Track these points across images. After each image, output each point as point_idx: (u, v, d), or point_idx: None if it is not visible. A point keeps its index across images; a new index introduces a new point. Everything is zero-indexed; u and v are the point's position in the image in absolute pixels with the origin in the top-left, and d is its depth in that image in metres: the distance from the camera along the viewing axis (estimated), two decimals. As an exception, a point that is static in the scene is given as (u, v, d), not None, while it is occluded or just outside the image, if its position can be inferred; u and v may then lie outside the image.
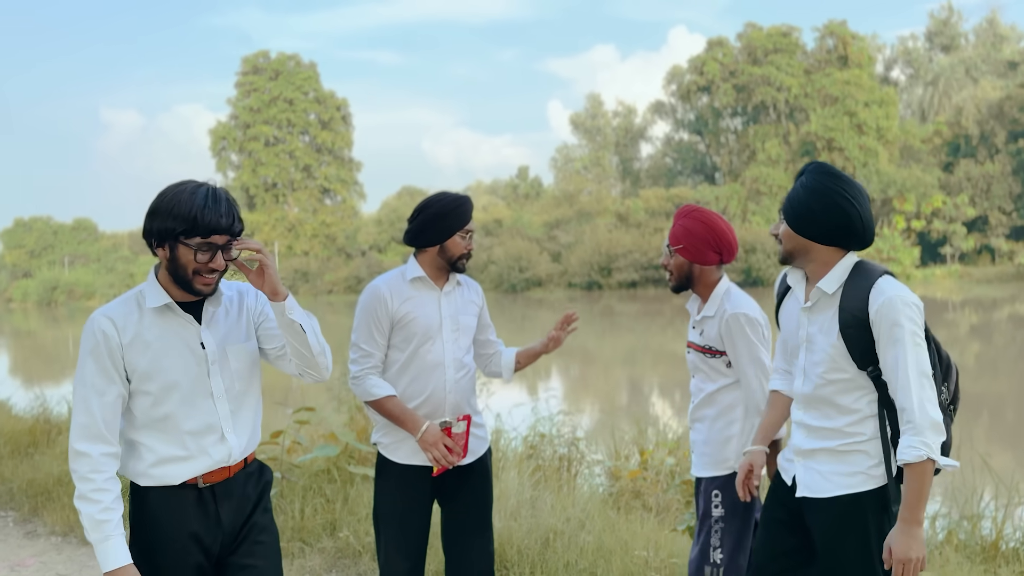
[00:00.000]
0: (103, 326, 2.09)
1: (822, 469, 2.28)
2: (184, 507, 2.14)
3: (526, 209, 64.04)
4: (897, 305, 2.15)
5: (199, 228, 2.04)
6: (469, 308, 2.94)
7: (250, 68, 66.46)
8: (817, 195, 2.23)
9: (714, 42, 60.21)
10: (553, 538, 3.88)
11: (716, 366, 2.80)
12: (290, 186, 66.09)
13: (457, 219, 2.81)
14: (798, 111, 57.07)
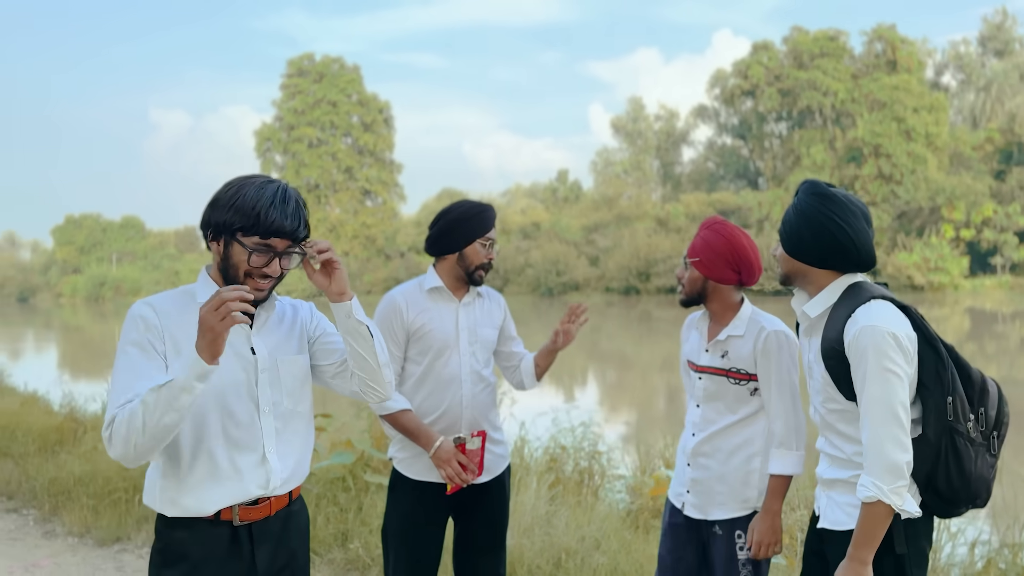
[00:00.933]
0: (144, 312, 1.89)
1: (840, 501, 2.17)
2: (216, 546, 1.89)
3: (565, 213, 63.86)
4: (866, 336, 2.00)
5: (260, 227, 1.85)
6: (489, 320, 2.83)
7: (295, 71, 67.38)
8: (806, 218, 2.15)
9: (759, 46, 59.42)
10: (566, 558, 3.74)
11: (741, 394, 2.53)
12: (332, 187, 66.81)
13: (478, 226, 2.71)
14: (844, 116, 56.03)
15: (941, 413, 2.03)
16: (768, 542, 2.47)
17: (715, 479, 2.54)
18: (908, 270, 44.76)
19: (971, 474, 2.04)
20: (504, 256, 53.84)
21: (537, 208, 66.43)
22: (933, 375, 2.04)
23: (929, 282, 44.12)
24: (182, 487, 1.88)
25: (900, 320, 2.05)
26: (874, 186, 50.61)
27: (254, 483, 1.91)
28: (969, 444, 2.05)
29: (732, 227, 2.56)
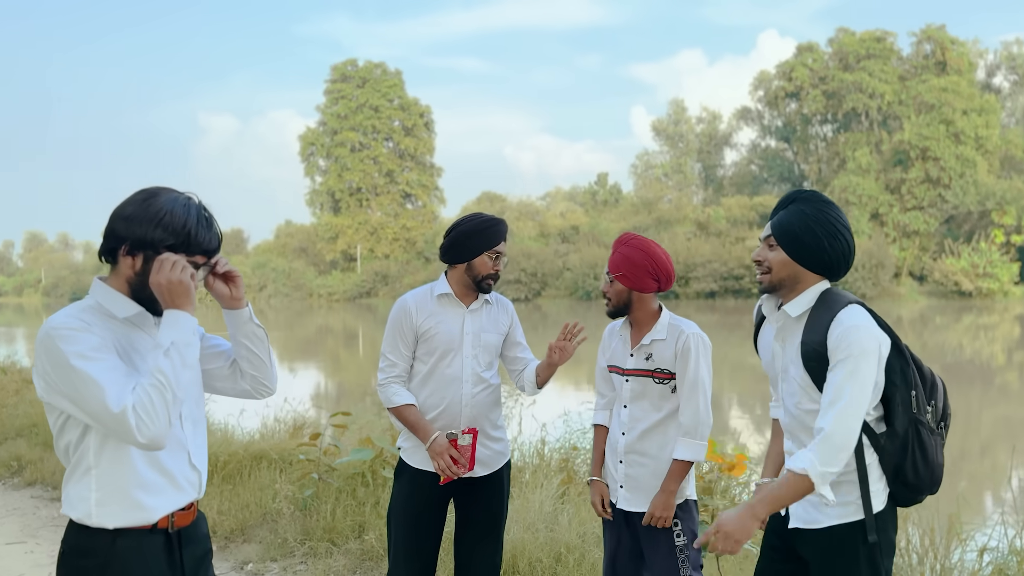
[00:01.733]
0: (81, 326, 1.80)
1: (814, 500, 2.25)
2: (156, 555, 1.89)
3: (604, 216, 63.78)
4: (854, 335, 2.10)
5: (190, 246, 1.88)
6: (494, 326, 3.01)
7: (339, 76, 68.43)
8: (821, 225, 2.21)
9: (804, 47, 58.70)
10: (566, 553, 3.90)
11: (664, 392, 2.78)
12: (373, 191, 67.65)
13: (486, 239, 2.89)
14: (891, 119, 55.06)
15: (907, 407, 2.17)
16: (661, 516, 2.72)
17: (649, 474, 2.77)
18: (956, 276, 43.82)
19: (934, 463, 2.19)
20: (542, 259, 53.91)
21: (576, 211, 66.43)
22: (899, 372, 2.17)
23: (977, 288, 43.13)
24: (124, 497, 1.85)
25: (874, 324, 2.16)
26: (921, 190, 49.62)
27: (189, 488, 1.96)
28: (931, 434, 2.19)
29: (646, 240, 2.83)
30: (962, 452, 10.90)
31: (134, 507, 1.86)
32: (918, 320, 33.87)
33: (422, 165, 69.09)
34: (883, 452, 2.18)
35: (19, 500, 6.24)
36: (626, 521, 2.84)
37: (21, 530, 5.49)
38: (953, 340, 26.50)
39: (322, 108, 68.77)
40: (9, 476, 6.89)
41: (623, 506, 2.82)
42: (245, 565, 4.60)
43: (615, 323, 2.96)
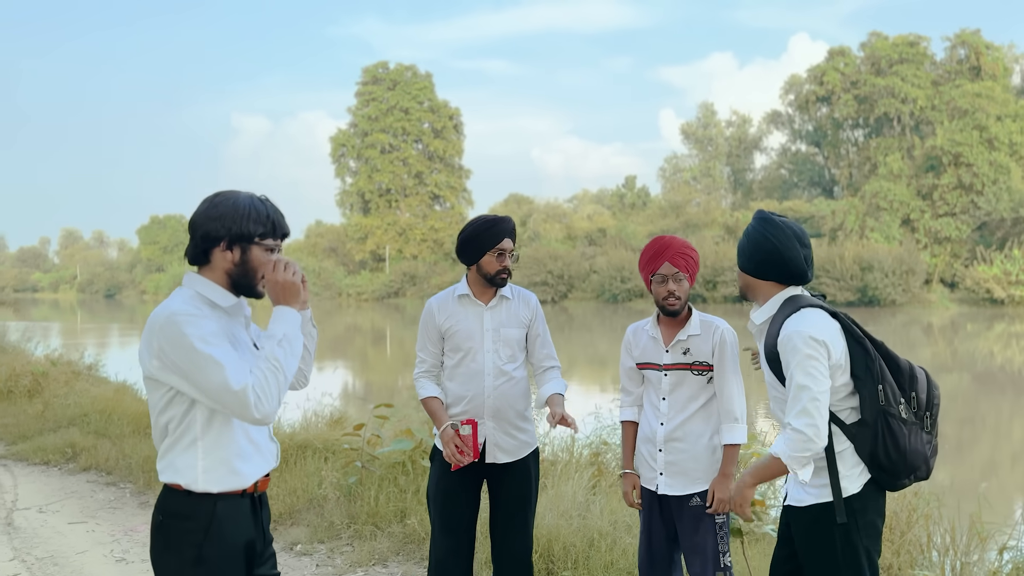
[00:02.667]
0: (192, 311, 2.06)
1: (800, 478, 2.49)
2: (245, 516, 2.16)
3: (631, 219, 63.75)
4: (790, 339, 2.39)
5: (276, 231, 2.19)
6: (514, 321, 3.21)
7: (369, 78, 69.14)
8: (748, 237, 2.60)
9: (835, 51, 58.30)
10: (599, 539, 4.12)
11: (701, 383, 3.01)
12: (402, 192, 68.24)
13: (487, 240, 3.12)
14: (924, 124, 54.50)
15: (874, 399, 2.40)
16: (725, 500, 2.91)
17: (689, 459, 2.99)
18: (987, 283, 43.26)
19: (906, 449, 2.39)
20: (569, 262, 54.01)
21: (604, 214, 66.47)
22: (863, 368, 2.42)
23: (1010, 296, 42.54)
24: (226, 465, 2.10)
25: (823, 324, 2.42)
26: (953, 196, 49.06)
27: (271, 457, 2.24)
28: (902, 424, 2.40)
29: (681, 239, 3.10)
30: (991, 460, 10.92)
31: (233, 474, 2.12)
32: (948, 327, 33.55)
33: (451, 167, 69.56)
34: (856, 440, 2.43)
35: (76, 484, 6.59)
36: (661, 506, 3.04)
37: (81, 511, 5.83)
38: (984, 348, 26.25)
39: (353, 110, 69.53)
40: (64, 462, 7.25)
41: (665, 491, 3.01)
42: (294, 546, 4.88)
43: (640, 324, 3.17)
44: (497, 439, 3.15)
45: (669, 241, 3.04)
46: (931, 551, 4.98)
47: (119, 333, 33.64)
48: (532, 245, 58.56)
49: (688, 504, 2.99)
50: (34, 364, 11.43)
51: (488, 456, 3.15)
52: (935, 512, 5.23)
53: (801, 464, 2.37)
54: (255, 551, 2.21)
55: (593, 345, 26.89)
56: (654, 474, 3.04)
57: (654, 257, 3.01)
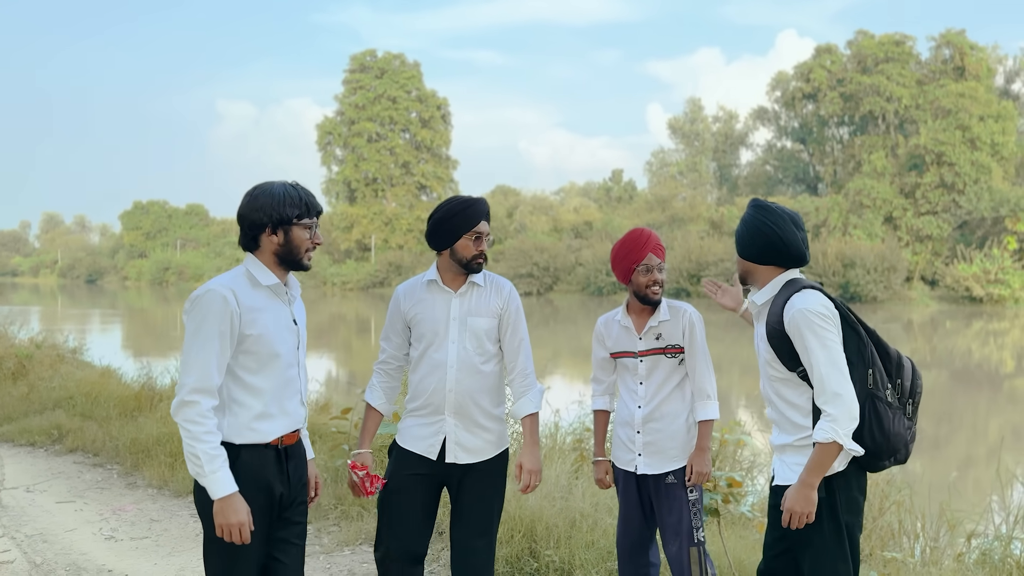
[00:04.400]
0: (225, 295, 2.40)
1: (789, 462, 2.64)
2: (269, 465, 2.47)
3: (618, 212, 63.97)
4: (801, 316, 2.49)
5: (312, 210, 2.53)
6: (483, 309, 2.95)
7: (357, 66, 68.80)
8: (746, 224, 2.69)
9: (822, 49, 58.61)
10: (580, 519, 4.24)
11: (673, 365, 3.15)
12: (389, 182, 68.06)
13: (463, 222, 2.89)
14: (908, 123, 54.94)
15: (863, 383, 2.51)
16: (703, 472, 3.08)
17: (666, 438, 3.11)
18: (967, 281, 43.76)
19: (890, 432, 2.52)
20: (554, 254, 54.12)
21: (590, 207, 66.66)
22: (856, 352, 2.54)
23: (988, 294, 43.05)
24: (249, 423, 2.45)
25: (825, 302, 2.54)
26: (935, 195, 49.56)
27: (295, 419, 2.57)
28: (888, 407, 2.53)
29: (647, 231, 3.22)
30: (967, 456, 11.14)
31: (252, 431, 2.47)
32: (928, 324, 33.98)
33: (438, 157, 69.43)
34: None
35: (62, 465, 6.64)
36: (639, 486, 3.17)
37: (68, 491, 5.88)
38: (963, 345, 26.63)
39: (340, 98, 69.18)
40: (50, 443, 7.28)
41: (644, 471, 3.13)
42: (282, 525, 4.96)
43: (610, 315, 3.28)
44: (459, 437, 2.89)
45: (650, 233, 3.19)
46: (902, 536, 5.14)
47: (101, 319, 33.45)
48: (518, 237, 58.66)
49: (664, 482, 3.11)
50: (18, 347, 11.40)
51: (448, 455, 2.89)
52: (907, 500, 5.40)
53: (850, 437, 2.45)
54: (280, 497, 2.52)
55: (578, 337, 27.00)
56: (632, 455, 3.16)
57: (638, 248, 3.13)
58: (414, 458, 2.93)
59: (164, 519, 5.24)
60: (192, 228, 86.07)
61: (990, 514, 5.58)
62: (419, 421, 2.95)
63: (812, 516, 2.49)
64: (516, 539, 4.15)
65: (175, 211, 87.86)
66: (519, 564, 4.07)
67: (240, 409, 2.45)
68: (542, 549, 4.07)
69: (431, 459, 2.90)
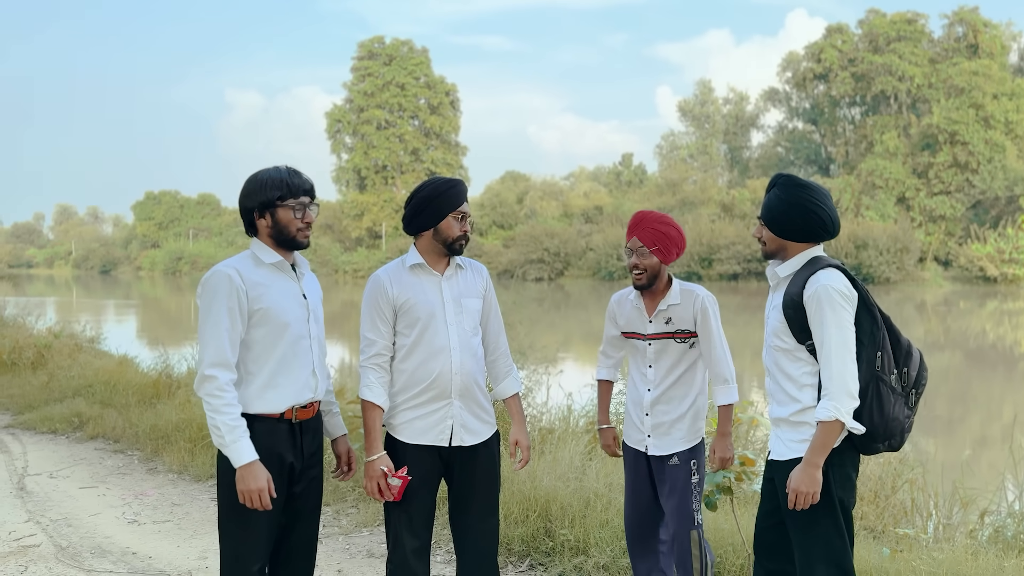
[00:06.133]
0: (230, 274, 2.55)
1: (784, 437, 2.68)
2: (282, 437, 2.59)
3: (628, 197, 63.74)
4: (824, 291, 2.52)
5: (293, 189, 2.63)
6: (472, 290, 2.94)
7: (365, 53, 68.65)
8: (786, 202, 2.66)
9: (833, 28, 58.05)
10: (594, 499, 4.29)
11: (683, 350, 3.13)
12: (399, 169, 68.04)
13: (448, 201, 2.83)
14: (920, 102, 54.44)
15: (871, 364, 2.54)
16: (727, 457, 3.13)
17: (673, 420, 3.13)
18: (981, 261, 43.46)
19: (889, 415, 2.55)
20: (565, 239, 54.04)
21: (600, 192, 66.45)
22: (868, 334, 2.56)
23: (1003, 274, 42.75)
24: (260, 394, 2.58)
25: (847, 283, 2.57)
26: (948, 174, 49.15)
27: (308, 392, 2.65)
28: (891, 392, 2.56)
29: (671, 218, 3.17)
30: (981, 436, 11.12)
31: (262, 400, 2.60)
32: (942, 305, 33.79)
33: (447, 144, 69.32)
34: None
35: (84, 452, 6.75)
36: (648, 466, 3.21)
37: (91, 476, 5.99)
38: (977, 325, 26.50)
39: (349, 85, 69.09)
40: (71, 431, 7.41)
41: (653, 452, 3.16)
42: (301, 508, 5.05)
43: (623, 293, 3.25)
44: (464, 420, 2.85)
45: (642, 216, 3.14)
46: (915, 514, 5.18)
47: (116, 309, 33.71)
48: (528, 222, 58.59)
49: (668, 463, 3.13)
50: (36, 337, 11.57)
51: (455, 439, 2.84)
52: (920, 478, 5.43)
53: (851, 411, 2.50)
54: (291, 469, 2.63)
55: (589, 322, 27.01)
56: (642, 436, 3.18)
57: (628, 231, 3.17)
58: (423, 451, 2.82)
59: (185, 503, 5.34)
60: (204, 218, 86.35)
61: (1003, 492, 5.61)
62: (420, 411, 2.83)
63: (817, 496, 2.51)
64: (531, 519, 4.22)
65: (187, 201, 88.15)
66: (535, 543, 4.14)
67: (251, 379, 2.59)
68: (557, 528, 4.13)
69: (440, 447, 2.83)
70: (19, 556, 4.34)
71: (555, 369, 8.94)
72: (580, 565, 3.90)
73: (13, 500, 5.36)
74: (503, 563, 4.07)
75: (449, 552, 4.27)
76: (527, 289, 44.36)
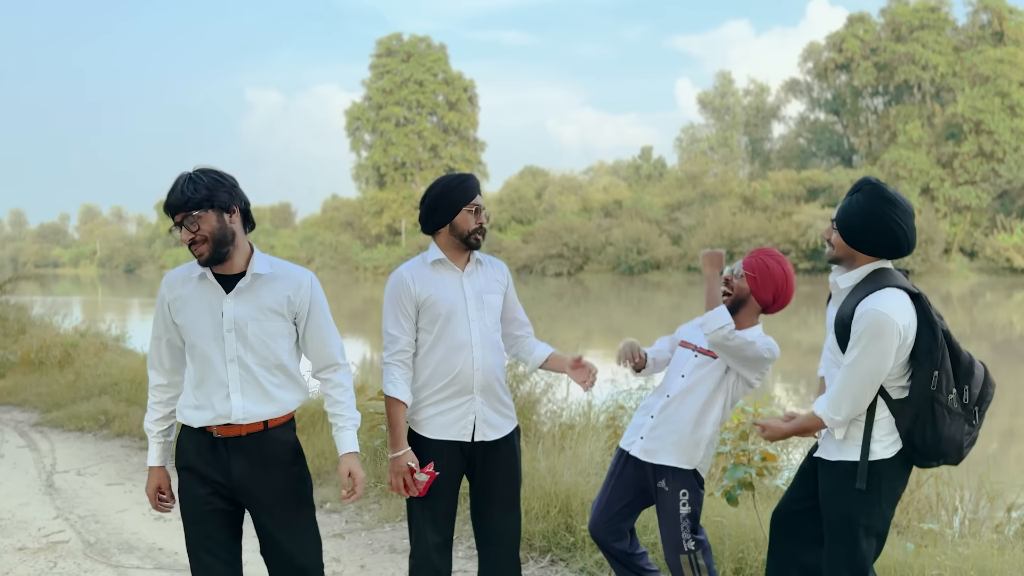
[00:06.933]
0: (163, 282, 2.54)
1: (835, 440, 2.63)
2: (201, 448, 2.47)
3: (647, 190, 63.49)
4: (872, 315, 2.44)
5: (168, 209, 2.45)
6: (493, 287, 2.96)
7: (384, 50, 68.91)
8: (868, 215, 2.52)
9: (855, 18, 57.47)
10: (615, 495, 4.28)
11: (720, 375, 2.97)
12: (417, 165, 68.27)
13: (461, 195, 2.86)
14: (945, 91, 53.76)
15: (927, 383, 2.47)
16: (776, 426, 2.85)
17: (672, 433, 2.96)
18: (1007, 252, 42.92)
19: (942, 435, 2.47)
20: (584, 234, 53.98)
21: (619, 186, 66.20)
22: (926, 352, 2.46)
23: (1031, 265, 42.21)
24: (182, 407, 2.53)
25: (903, 309, 2.45)
26: (973, 164, 48.52)
27: (219, 412, 2.45)
28: (947, 412, 2.48)
29: (789, 264, 3.01)
30: (1009, 430, 10.98)
31: (182, 416, 2.55)
32: (968, 296, 33.38)
33: (466, 139, 69.47)
34: (897, 415, 2.51)
35: (111, 449, 6.84)
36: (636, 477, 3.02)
37: (117, 473, 6.07)
38: (1003, 317, 26.16)
39: (367, 83, 69.42)
40: (98, 428, 7.51)
41: (637, 454, 3.00)
42: (323, 505, 5.10)
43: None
44: (486, 415, 2.88)
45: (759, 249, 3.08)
46: (940, 508, 5.12)
47: (140, 308, 34.09)
48: (547, 218, 58.53)
49: (656, 485, 2.99)
50: (63, 336, 11.73)
51: (477, 434, 2.87)
52: (945, 472, 5.38)
53: (836, 425, 2.53)
54: (219, 484, 2.49)
55: (609, 317, 26.99)
56: (635, 437, 3.05)
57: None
58: (447, 447, 2.85)
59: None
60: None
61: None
62: (443, 407, 2.85)
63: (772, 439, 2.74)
64: (552, 514, 4.22)
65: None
66: (555, 539, 4.14)
67: (186, 388, 2.56)
68: (578, 524, 4.13)
69: (463, 442, 2.85)
70: (48, 552, 4.41)
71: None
72: (601, 560, 3.90)
73: (42, 497, 5.45)
74: (524, 558, 4.08)
75: (471, 548, 4.28)
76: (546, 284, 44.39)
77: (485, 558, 2.96)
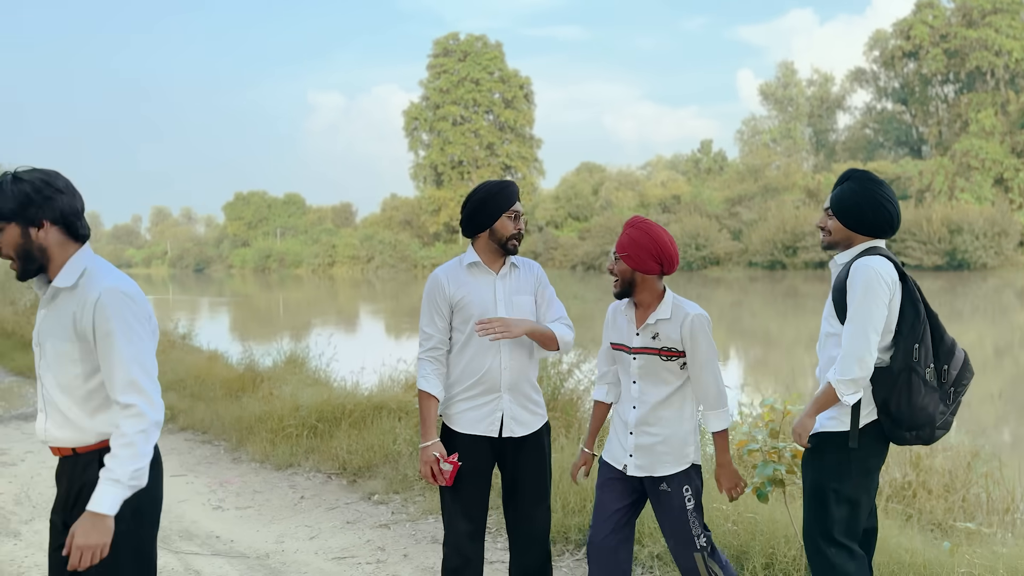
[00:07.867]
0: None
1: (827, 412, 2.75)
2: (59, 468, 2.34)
3: (707, 184, 62.62)
4: (863, 271, 2.62)
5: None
6: (525, 288, 3.07)
7: (441, 50, 69.57)
8: (862, 197, 2.76)
9: (923, 3, 55.64)
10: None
11: (671, 368, 2.89)
12: (474, 163, 68.75)
13: (503, 200, 2.99)
14: (1020, 77, 51.64)
15: (907, 353, 2.61)
16: (735, 484, 2.93)
17: (659, 443, 2.89)
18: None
19: (916, 405, 2.61)
20: (643, 229, 53.48)
21: (678, 180, 65.42)
22: (909, 325, 2.63)
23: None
24: None
25: (890, 270, 2.64)
26: (1051, 153, 46.54)
27: (37, 429, 2.32)
28: (923, 383, 2.61)
29: (653, 224, 2.92)
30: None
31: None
32: (1043, 291, 32.06)
33: (522, 137, 69.64)
34: (875, 383, 2.65)
35: (175, 442, 7.19)
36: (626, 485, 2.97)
37: (180, 465, 6.39)
38: (1081, 313, 25.06)
39: (425, 83, 70.17)
40: (165, 423, 7.88)
41: (634, 473, 2.92)
42: (372, 496, 5.31)
43: (619, 303, 3.03)
44: (514, 412, 3.01)
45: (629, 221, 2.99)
46: (991, 509, 5.05)
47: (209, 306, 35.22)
48: (604, 214, 58.26)
49: (658, 488, 2.92)
50: (134, 334, 12.25)
51: (505, 430, 2.99)
52: (996, 471, 5.28)
53: (849, 389, 2.61)
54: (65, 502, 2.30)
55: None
56: (624, 455, 2.96)
57: None
58: (477, 441, 2.99)
59: (265, 490, 5.66)
60: (290, 216, 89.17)
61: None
62: (472, 403, 2.99)
63: (804, 439, 2.72)
64: (588, 508, 4.32)
65: (274, 201, 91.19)
66: (592, 532, 4.24)
67: None
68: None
69: (492, 437, 2.98)
70: (116, 538, 4.71)
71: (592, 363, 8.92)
72: (635, 554, 3.98)
73: (112, 487, 5.79)
74: (560, 551, 4.20)
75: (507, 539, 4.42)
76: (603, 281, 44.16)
77: (516, 548, 3.11)
